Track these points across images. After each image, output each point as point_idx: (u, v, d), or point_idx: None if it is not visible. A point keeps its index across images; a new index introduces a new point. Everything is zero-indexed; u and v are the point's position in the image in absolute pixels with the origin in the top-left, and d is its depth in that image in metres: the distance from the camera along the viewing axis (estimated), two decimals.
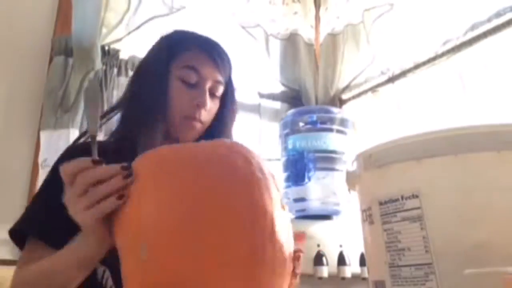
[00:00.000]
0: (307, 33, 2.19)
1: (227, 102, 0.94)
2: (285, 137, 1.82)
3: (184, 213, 0.48)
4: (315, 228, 1.56)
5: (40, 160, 1.53)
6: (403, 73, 1.77)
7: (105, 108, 1.64)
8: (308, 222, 1.59)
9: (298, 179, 1.71)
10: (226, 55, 0.93)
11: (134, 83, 0.93)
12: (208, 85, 0.88)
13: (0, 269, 1.00)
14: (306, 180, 1.70)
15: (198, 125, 0.87)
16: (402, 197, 0.50)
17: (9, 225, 0.78)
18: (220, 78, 0.89)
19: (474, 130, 0.48)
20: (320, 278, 1.48)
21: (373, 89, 1.93)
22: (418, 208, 0.49)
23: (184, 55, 0.87)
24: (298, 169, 1.73)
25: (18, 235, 0.78)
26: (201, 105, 0.86)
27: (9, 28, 1.64)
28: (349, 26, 2.07)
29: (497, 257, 0.44)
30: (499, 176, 0.47)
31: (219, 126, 0.93)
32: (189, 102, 0.86)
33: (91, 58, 1.64)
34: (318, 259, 1.48)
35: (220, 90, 0.91)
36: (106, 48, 1.71)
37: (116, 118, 0.95)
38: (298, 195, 1.70)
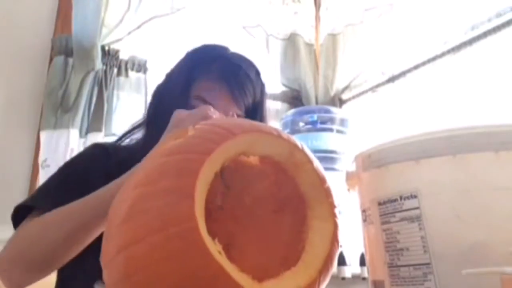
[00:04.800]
0: (307, 33, 2.19)
1: None
2: None
3: None
4: None
5: (40, 160, 1.53)
6: (403, 73, 1.77)
7: (105, 107, 1.65)
8: None
9: None
10: (252, 83, 0.84)
11: (152, 105, 0.87)
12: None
13: None
14: None
15: None
16: (400, 197, 0.50)
17: (9, 225, 0.78)
18: (236, 110, 0.82)
19: (473, 130, 0.48)
20: None
21: (373, 89, 1.94)
22: (417, 208, 0.49)
23: (200, 82, 0.80)
24: None
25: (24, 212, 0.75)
26: None
27: (10, 28, 1.64)
28: (349, 26, 2.07)
29: (495, 257, 0.44)
30: (497, 176, 0.47)
31: None
32: None
33: (91, 58, 1.64)
34: None
35: None
36: (106, 48, 1.71)
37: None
38: None
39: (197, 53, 0.86)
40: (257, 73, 0.88)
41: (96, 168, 0.79)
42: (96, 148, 0.86)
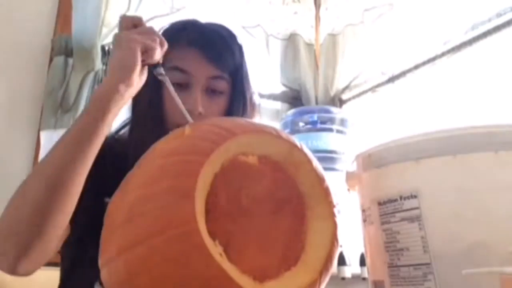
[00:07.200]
0: (307, 33, 2.19)
1: (235, 96, 0.82)
2: None
3: None
4: None
5: (40, 160, 1.53)
6: (403, 73, 1.77)
7: None
8: None
9: None
10: (227, 43, 0.82)
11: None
12: (200, 84, 0.78)
13: None
14: None
15: None
16: (400, 197, 0.50)
17: None
18: (217, 72, 0.79)
19: (472, 130, 0.48)
20: None
21: (373, 89, 1.94)
22: (417, 208, 0.49)
23: (172, 55, 0.75)
24: None
25: None
26: (191, 111, 0.73)
27: (10, 28, 1.64)
28: (349, 26, 2.07)
29: (494, 257, 0.44)
30: (496, 176, 0.47)
31: None
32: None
33: (91, 58, 1.64)
34: None
35: (222, 84, 0.80)
36: (106, 48, 1.71)
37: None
38: None
39: (165, 30, 0.84)
40: (231, 34, 0.85)
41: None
42: None
